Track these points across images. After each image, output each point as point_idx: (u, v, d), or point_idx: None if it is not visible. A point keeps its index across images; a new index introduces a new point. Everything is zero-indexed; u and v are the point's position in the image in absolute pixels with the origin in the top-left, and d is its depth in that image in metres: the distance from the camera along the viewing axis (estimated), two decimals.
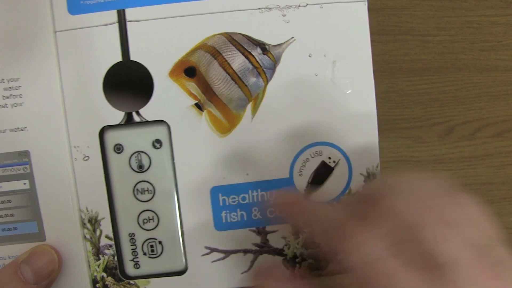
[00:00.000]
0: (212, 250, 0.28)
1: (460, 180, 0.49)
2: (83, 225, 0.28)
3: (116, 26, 0.26)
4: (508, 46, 0.50)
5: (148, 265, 0.28)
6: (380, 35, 0.51)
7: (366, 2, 0.28)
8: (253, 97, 0.27)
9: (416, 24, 0.50)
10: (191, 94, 0.26)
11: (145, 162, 0.27)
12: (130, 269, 0.28)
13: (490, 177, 0.49)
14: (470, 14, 0.50)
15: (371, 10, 0.51)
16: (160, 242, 0.28)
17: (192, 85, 0.26)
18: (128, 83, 0.26)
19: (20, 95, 0.26)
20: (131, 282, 0.28)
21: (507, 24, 0.50)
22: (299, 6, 0.26)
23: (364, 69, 0.28)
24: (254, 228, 0.28)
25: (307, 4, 0.26)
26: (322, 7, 0.26)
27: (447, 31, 0.50)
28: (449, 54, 0.50)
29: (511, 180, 0.49)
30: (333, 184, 0.27)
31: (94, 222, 0.27)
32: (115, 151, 0.27)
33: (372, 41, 0.50)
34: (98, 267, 0.28)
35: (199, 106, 0.27)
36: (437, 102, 0.50)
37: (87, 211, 0.27)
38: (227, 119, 0.27)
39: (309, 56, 0.27)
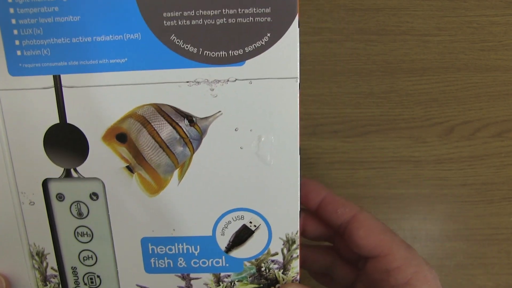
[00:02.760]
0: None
1: (460, 180, 0.52)
2: (32, 256, 0.36)
3: (53, 90, 0.30)
4: (508, 46, 0.51)
5: None
6: (380, 35, 0.53)
7: (298, 79, 0.30)
8: (179, 164, 0.31)
9: (416, 24, 0.52)
10: (122, 158, 0.31)
11: (84, 210, 0.32)
12: None
13: (490, 177, 0.52)
14: (470, 14, 0.51)
15: (371, 10, 0.53)
16: (98, 276, 0.33)
17: (123, 149, 0.31)
18: (65, 143, 0.30)
19: None
20: None
21: (507, 24, 0.51)
22: (228, 81, 0.29)
23: (290, 144, 0.30)
24: (179, 274, 0.33)
25: (236, 79, 0.29)
26: (251, 83, 0.29)
27: (447, 31, 0.51)
28: (449, 54, 0.52)
29: (511, 180, 0.52)
30: (253, 245, 0.32)
31: (41, 255, 0.33)
32: (57, 199, 0.32)
33: (372, 41, 0.52)
34: None
35: (130, 169, 0.31)
36: (437, 102, 0.52)
37: (35, 246, 0.33)
38: (155, 182, 0.31)
39: (235, 130, 0.30)
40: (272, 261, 0.33)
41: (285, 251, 0.33)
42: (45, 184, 0.32)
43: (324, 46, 0.53)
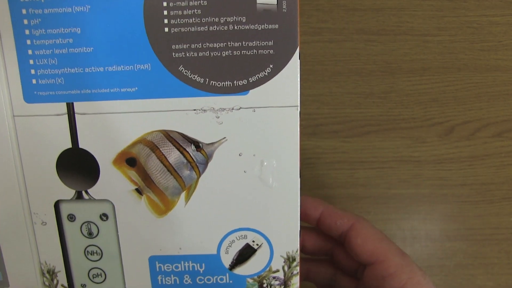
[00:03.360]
0: None
1: (460, 180, 0.55)
2: (43, 274, 0.40)
3: (66, 117, 0.34)
4: (508, 46, 0.53)
5: None
6: (380, 35, 0.56)
7: (298, 107, 0.33)
8: (186, 187, 0.34)
9: (416, 24, 0.55)
10: (132, 181, 0.34)
11: (94, 230, 0.36)
12: None
13: (490, 177, 0.55)
14: (470, 14, 0.54)
15: (371, 10, 0.56)
16: None
17: (133, 173, 0.34)
18: (77, 166, 0.34)
19: None
20: None
21: (507, 24, 0.53)
22: (233, 109, 0.33)
23: (291, 167, 0.34)
24: None
25: (240, 108, 0.33)
26: (254, 111, 0.33)
27: (447, 31, 0.54)
28: (449, 54, 0.55)
29: (511, 180, 0.54)
30: (255, 263, 0.36)
31: (52, 273, 0.37)
32: (68, 220, 0.36)
33: (372, 41, 0.56)
34: None
35: (139, 191, 0.35)
36: (437, 102, 0.56)
37: (46, 264, 0.37)
38: (163, 203, 0.35)
39: (239, 155, 0.34)
40: (274, 277, 0.37)
41: (285, 268, 0.37)
42: (57, 205, 0.36)
43: (324, 46, 0.56)
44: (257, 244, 0.36)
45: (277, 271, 0.37)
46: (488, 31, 0.56)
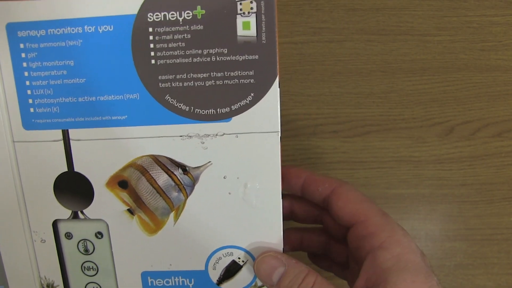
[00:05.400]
0: None
1: (460, 180, 0.59)
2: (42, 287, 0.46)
3: (62, 143, 0.38)
4: (508, 46, 0.57)
5: None
6: (380, 35, 0.59)
7: (279, 133, 0.38)
8: (175, 207, 0.39)
9: (416, 24, 0.59)
10: (124, 202, 0.39)
11: (90, 247, 0.41)
12: None
13: (490, 177, 0.58)
14: (470, 14, 0.57)
15: (371, 10, 0.60)
16: None
17: (125, 195, 0.39)
18: (73, 189, 0.39)
19: None
20: None
21: (507, 24, 0.57)
22: (217, 135, 0.37)
23: (273, 189, 0.39)
24: None
25: (224, 134, 0.37)
26: (237, 136, 0.38)
27: (447, 31, 0.57)
28: (449, 54, 0.58)
29: (511, 180, 0.58)
30: (241, 278, 0.41)
31: (51, 287, 0.42)
32: (66, 237, 0.41)
33: (372, 41, 0.59)
34: None
35: (131, 211, 0.39)
36: (437, 102, 0.59)
37: (46, 278, 0.42)
38: (153, 223, 0.40)
39: (224, 178, 0.39)
40: None
41: None
42: (55, 224, 0.41)
43: (324, 46, 0.60)
44: (243, 261, 0.41)
45: (262, 286, 0.42)
46: (488, 31, 0.60)
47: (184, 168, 0.38)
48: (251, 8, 0.37)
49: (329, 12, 0.59)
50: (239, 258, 0.41)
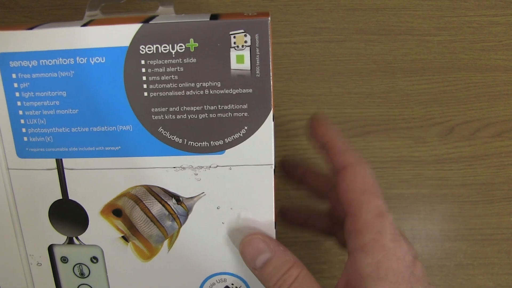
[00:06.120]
0: None
1: (460, 180, 0.60)
2: None
3: (56, 171, 0.39)
4: (508, 46, 0.58)
5: None
6: (380, 35, 0.60)
7: (273, 166, 0.38)
8: (169, 236, 0.40)
9: (416, 24, 0.60)
10: (118, 229, 0.40)
11: (85, 271, 0.42)
12: None
13: (490, 177, 0.60)
14: (470, 14, 0.58)
15: (371, 10, 0.60)
16: None
17: (119, 222, 0.40)
18: (68, 216, 0.40)
19: None
20: None
21: (507, 24, 0.58)
22: (210, 167, 0.38)
23: (266, 220, 0.40)
24: None
25: (217, 166, 0.38)
26: (231, 169, 0.38)
27: (447, 31, 0.58)
28: (449, 54, 0.59)
29: (511, 180, 0.60)
30: None
31: None
32: (62, 261, 0.42)
33: (372, 41, 0.60)
34: None
35: (125, 238, 0.40)
36: (437, 102, 0.60)
37: None
38: (148, 249, 0.40)
39: (217, 208, 0.39)
40: None
41: None
42: (50, 248, 0.43)
43: (324, 46, 0.61)
44: (236, 287, 0.43)
45: None
46: (488, 31, 0.60)
47: (178, 198, 0.39)
48: (245, 42, 0.37)
49: (329, 12, 0.59)
50: (232, 284, 0.42)
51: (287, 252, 0.38)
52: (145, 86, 0.38)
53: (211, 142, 0.39)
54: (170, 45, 0.38)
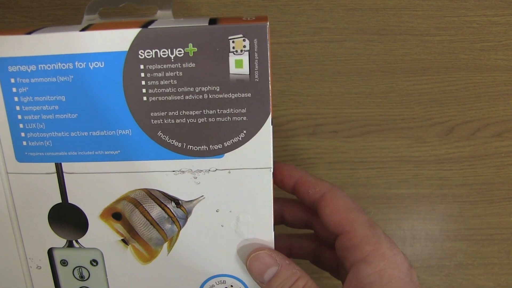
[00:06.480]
0: None
1: (460, 180, 0.60)
2: None
3: (55, 175, 0.39)
4: (508, 46, 0.58)
5: None
6: (380, 35, 0.60)
7: (272, 169, 0.38)
8: (168, 238, 0.40)
9: (416, 24, 0.60)
10: (118, 232, 0.40)
11: (85, 274, 0.42)
12: None
13: (490, 177, 0.60)
14: (470, 14, 0.58)
15: (371, 10, 0.60)
16: None
17: (119, 226, 0.40)
18: (67, 219, 0.40)
19: None
20: None
21: (507, 24, 0.58)
22: (209, 170, 0.38)
23: (265, 222, 0.40)
24: None
25: (216, 169, 0.38)
26: (230, 172, 0.38)
27: (447, 31, 0.58)
28: (449, 54, 0.59)
29: (511, 180, 0.60)
30: None
31: None
32: (61, 264, 0.42)
33: (372, 41, 0.60)
34: None
35: (125, 241, 0.40)
36: (437, 102, 0.60)
37: None
38: (147, 252, 0.41)
39: (216, 211, 0.40)
40: None
41: None
42: (50, 251, 0.43)
43: (324, 46, 0.61)
44: None
45: None
46: (488, 31, 0.60)
47: (177, 202, 0.40)
48: (244, 46, 0.37)
49: (329, 12, 0.59)
50: (231, 286, 0.42)
51: (293, 265, 0.39)
52: (144, 90, 0.39)
53: (210, 146, 0.39)
54: (169, 50, 0.38)
